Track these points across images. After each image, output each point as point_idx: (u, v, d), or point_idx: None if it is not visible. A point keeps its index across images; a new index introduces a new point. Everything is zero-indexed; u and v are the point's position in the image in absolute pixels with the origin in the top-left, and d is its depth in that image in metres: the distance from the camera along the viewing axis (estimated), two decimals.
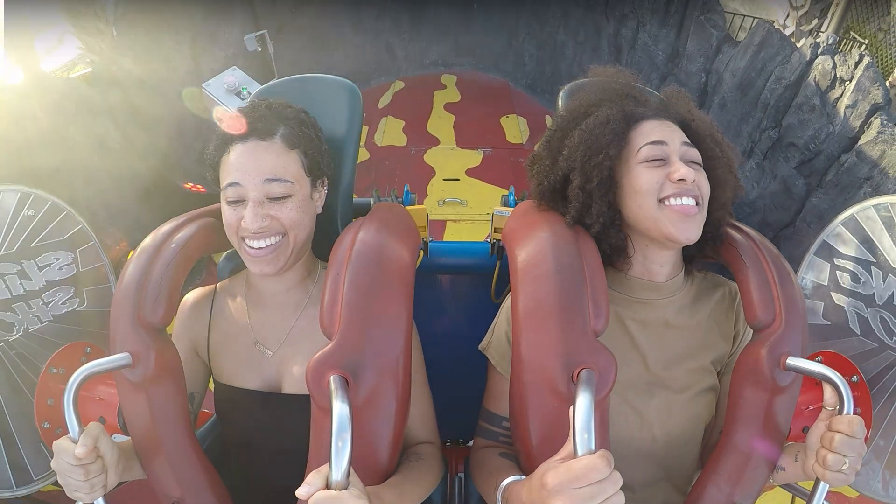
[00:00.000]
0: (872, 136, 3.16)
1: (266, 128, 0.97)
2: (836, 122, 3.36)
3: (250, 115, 0.99)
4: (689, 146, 0.96)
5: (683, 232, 0.90)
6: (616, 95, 1.03)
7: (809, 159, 3.56)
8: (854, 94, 3.26)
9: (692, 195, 0.91)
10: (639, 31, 5.08)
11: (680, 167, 0.91)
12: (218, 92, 3.92)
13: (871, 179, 3.17)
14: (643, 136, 0.95)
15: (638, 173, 0.94)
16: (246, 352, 1.04)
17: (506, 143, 5.51)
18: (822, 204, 3.45)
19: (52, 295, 1.13)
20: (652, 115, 0.98)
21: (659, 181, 0.92)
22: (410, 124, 5.72)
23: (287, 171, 0.97)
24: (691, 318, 1.00)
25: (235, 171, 0.95)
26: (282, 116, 1.00)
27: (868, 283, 1.07)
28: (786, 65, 3.64)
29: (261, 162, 0.95)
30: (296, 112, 1.03)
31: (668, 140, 0.94)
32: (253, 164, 0.94)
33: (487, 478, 0.93)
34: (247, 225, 0.93)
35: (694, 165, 0.94)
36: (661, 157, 0.94)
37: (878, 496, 1.06)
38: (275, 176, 0.95)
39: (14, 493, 1.08)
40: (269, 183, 0.95)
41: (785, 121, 3.68)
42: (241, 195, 0.95)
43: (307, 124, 1.03)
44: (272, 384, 1.03)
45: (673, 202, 0.91)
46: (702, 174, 0.94)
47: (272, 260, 0.97)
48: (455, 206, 4.50)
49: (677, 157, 0.93)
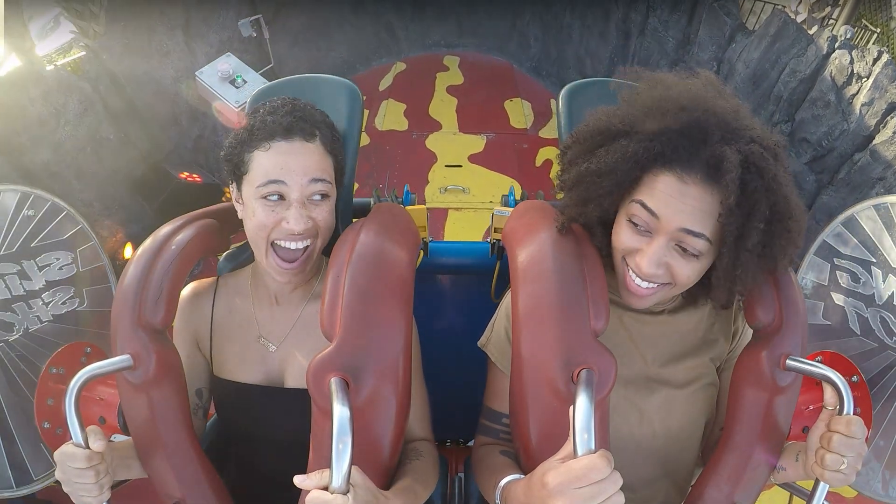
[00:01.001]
0: (888, 135, 3.11)
1: (310, 129, 0.96)
2: (851, 120, 3.30)
3: (292, 113, 0.97)
4: (692, 235, 0.80)
5: (629, 301, 0.90)
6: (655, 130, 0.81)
7: (822, 156, 3.51)
8: (871, 92, 3.20)
9: (654, 281, 0.85)
10: (649, 15, 4.99)
11: (647, 257, 0.82)
12: (212, 80, 3.81)
13: (884, 180, 3.12)
14: (647, 192, 0.82)
15: (620, 224, 0.88)
16: (249, 346, 1.05)
17: (510, 128, 5.44)
18: (832, 202, 3.42)
19: (52, 295, 1.13)
20: (682, 168, 0.79)
21: (627, 249, 0.86)
22: (412, 108, 5.65)
23: (327, 172, 0.97)
24: (690, 316, 1.00)
25: (279, 169, 0.93)
26: (317, 120, 1.00)
27: (868, 283, 1.07)
28: (801, 57, 3.57)
29: (307, 161, 0.94)
30: (323, 116, 1.03)
31: (664, 217, 0.80)
32: (299, 163, 0.93)
33: (488, 476, 0.93)
34: (291, 226, 0.93)
35: (687, 255, 0.82)
36: (645, 227, 0.84)
37: (878, 496, 1.06)
38: (319, 176, 0.95)
39: (14, 493, 1.09)
40: (315, 183, 0.94)
41: (798, 115, 3.62)
42: (283, 193, 0.94)
43: (336, 129, 1.04)
44: (274, 379, 1.03)
45: (630, 273, 0.87)
46: (689, 264, 0.82)
47: (299, 270, 0.98)
48: (457, 193, 4.45)
49: (664, 239, 0.81)
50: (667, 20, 4.82)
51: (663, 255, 0.82)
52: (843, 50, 3.37)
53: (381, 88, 5.99)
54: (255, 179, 0.94)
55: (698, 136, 0.79)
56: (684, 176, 0.79)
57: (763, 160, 0.77)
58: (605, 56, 5.55)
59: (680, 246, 0.82)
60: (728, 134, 0.79)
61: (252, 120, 0.97)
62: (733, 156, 0.76)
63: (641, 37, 5.10)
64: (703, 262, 0.83)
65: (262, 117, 0.96)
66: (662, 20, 4.86)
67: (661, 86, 0.87)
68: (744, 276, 0.81)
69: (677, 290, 0.87)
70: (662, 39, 4.88)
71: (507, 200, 1.46)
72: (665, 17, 4.83)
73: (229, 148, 0.98)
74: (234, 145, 0.97)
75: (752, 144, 0.78)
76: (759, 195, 0.76)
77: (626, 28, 5.32)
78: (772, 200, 0.77)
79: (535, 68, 6.54)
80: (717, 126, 0.79)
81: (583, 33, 5.91)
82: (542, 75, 6.44)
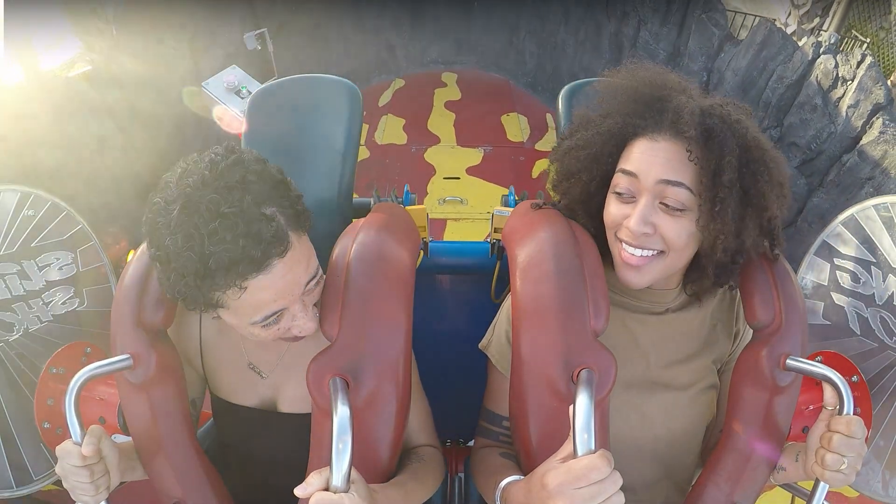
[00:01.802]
0: (874, 136, 3.16)
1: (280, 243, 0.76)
2: (838, 122, 3.36)
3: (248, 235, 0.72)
4: (670, 185, 0.82)
5: (625, 277, 0.90)
6: (622, 104, 0.90)
7: (811, 159, 3.56)
8: (856, 94, 3.26)
9: (640, 246, 0.86)
10: (640, 29, 5.09)
11: (633, 216, 0.84)
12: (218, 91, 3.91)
13: (872, 179, 3.17)
14: (624, 159, 0.88)
15: (610, 202, 0.91)
16: (240, 372, 1.03)
17: (506, 142, 5.52)
18: (823, 204, 3.46)
19: (52, 295, 1.13)
20: (651, 131, 0.85)
21: (616, 219, 0.88)
22: (411, 122, 5.72)
23: (313, 262, 0.85)
24: (692, 317, 1.00)
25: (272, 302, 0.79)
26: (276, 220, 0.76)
27: (868, 283, 1.07)
28: (787, 64, 3.64)
29: (297, 274, 0.80)
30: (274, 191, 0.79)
31: (642, 173, 0.84)
32: (289, 284, 0.79)
33: (488, 478, 0.93)
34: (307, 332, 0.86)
35: (671, 211, 0.84)
36: (629, 192, 0.87)
37: (878, 496, 1.06)
38: (309, 277, 0.83)
39: (14, 493, 1.08)
40: (309, 285, 0.83)
41: (786, 120, 3.68)
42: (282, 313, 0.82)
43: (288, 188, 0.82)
44: (268, 403, 1.02)
45: (622, 246, 0.88)
46: (675, 220, 0.84)
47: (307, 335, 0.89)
48: (455, 204, 4.50)
49: (647, 197, 0.84)
50: (657, 33, 4.91)
51: (649, 213, 0.84)
52: (828, 55, 3.43)
53: (381, 104, 6.06)
54: (243, 317, 0.80)
55: (661, 102, 0.87)
56: (655, 136, 0.85)
57: (723, 109, 0.84)
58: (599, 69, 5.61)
59: (663, 203, 0.84)
60: (686, 96, 0.88)
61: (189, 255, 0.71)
62: (692, 105, 0.83)
63: (633, 50, 5.19)
64: (689, 218, 0.84)
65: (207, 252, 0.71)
66: (653, 33, 4.95)
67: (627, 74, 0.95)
68: (728, 217, 0.81)
69: (671, 261, 0.87)
70: (654, 52, 4.96)
71: (506, 200, 1.46)
72: (656, 31, 4.92)
73: (173, 286, 0.75)
74: (181, 287, 0.75)
75: (709, 100, 0.87)
76: (725, 135, 0.81)
77: (618, 42, 5.42)
78: (740, 138, 0.81)
79: (531, 83, 6.62)
80: (675, 90, 0.89)
81: (577, 49, 6.01)
82: (538, 90, 6.53)
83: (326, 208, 1.10)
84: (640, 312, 0.98)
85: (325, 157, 1.14)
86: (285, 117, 1.15)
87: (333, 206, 1.14)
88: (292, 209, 0.80)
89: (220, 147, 0.80)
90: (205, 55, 4.52)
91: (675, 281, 0.97)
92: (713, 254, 0.86)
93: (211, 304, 0.77)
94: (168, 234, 0.72)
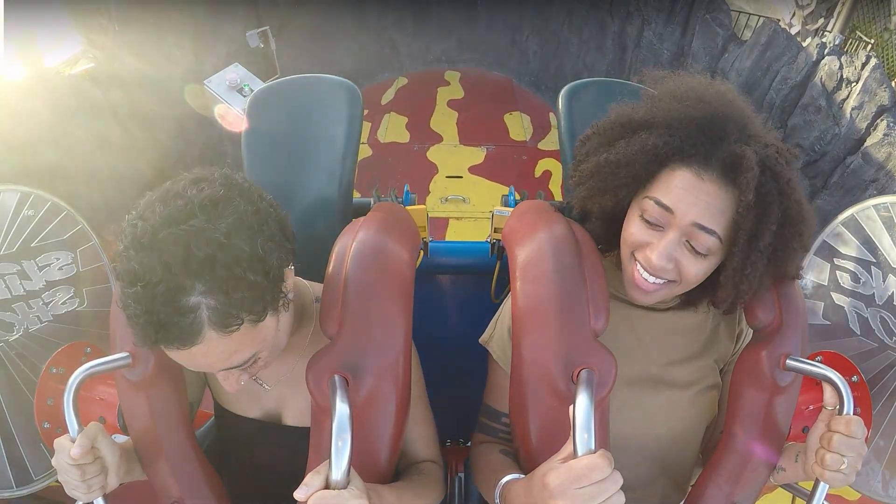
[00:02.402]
0: (878, 138, 3.15)
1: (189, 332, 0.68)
2: (842, 124, 3.35)
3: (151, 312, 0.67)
4: (706, 231, 0.79)
5: (633, 295, 0.89)
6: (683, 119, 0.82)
7: (815, 160, 3.55)
8: (860, 96, 3.25)
9: (660, 277, 0.85)
10: (644, 29, 5.07)
11: (657, 251, 0.82)
12: (220, 89, 3.92)
13: (876, 182, 3.16)
14: (661, 187, 0.82)
15: (632, 219, 0.87)
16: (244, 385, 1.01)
17: (509, 141, 5.51)
18: (826, 205, 3.44)
19: (52, 295, 1.13)
20: (699, 165, 0.79)
21: (637, 242, 0.86)
22: (413, 121, 5.72)
23: (240, 348, 0.75)
24: (695, 317, 0.99)
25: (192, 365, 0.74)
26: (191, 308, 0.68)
27: (868, 283, 1.07)
28: (792, 65, 3.63)
29: (210, 360, 0.73)
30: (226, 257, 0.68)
31: (679, 212, 0.80)
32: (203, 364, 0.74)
33: (488, 475, 0.93)
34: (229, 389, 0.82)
35: (695, 253, 0.82)
36: (658, 223, 0.83)
37: (878, 496, 1.06)
38: (229, 366, 0.76)
39: (14, 493, 1.08)
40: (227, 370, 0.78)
41: (790, 121, 3.67)
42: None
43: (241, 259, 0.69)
44: (272, 415, 1.01)
45: (637, 268, 0.87)
46: (697, 262, 0.82)
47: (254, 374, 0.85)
48: (457, 203, 4.51)
49: (675, 234, 0.81)
50: (661, 33, 4.90)
51: (673, 249, 0.81)
52: (833, 56, 3.42)
53: (384, 102, 6.06)
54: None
55: (717, 134, 0.80)
56: (701, 172, 0.79)
57: (778, 164, 0.78)
58: (602, 69, 5.63)
59: (690, 243, 0.81)
60: (746, 134, 0.80)
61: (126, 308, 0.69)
62: (752, 155, 0.76)
63: (637, 49, 5.17)
64: (711, 262, 0.82)
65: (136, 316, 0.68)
66: (657, 33, 4.93)
67: (682, 81, 0.88)
68: (752, 276, 0.80)
69: (681, 289, 0.87)
70: (658, 52, 4.95)
71: (507, 200, 1.46)
72: (660, 30, 4.91)
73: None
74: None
75: (768, 147, 0.79)
76: (773, 197, 0.77)
77: (622, 41, 5.40)
78: (785, 204, 0.78)
79: (534, 82, 6.61)
80: (736, 125, 0.81)
81: (580, 47, 5.99)
82: (540, 89, 6.52)
83: (326, 208, 1.10)
84: (644, 309, 0.98)
85: (325, 157, 1.14)
86: (286, 117, 1.15)
87: (333, 206, 1.14)
88: (243, 294, 0.69)
89: (217, 174, 0.73)
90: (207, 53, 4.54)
91: None
92: (724, 291, 0.85)
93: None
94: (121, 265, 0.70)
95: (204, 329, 0.69)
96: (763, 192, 0.77)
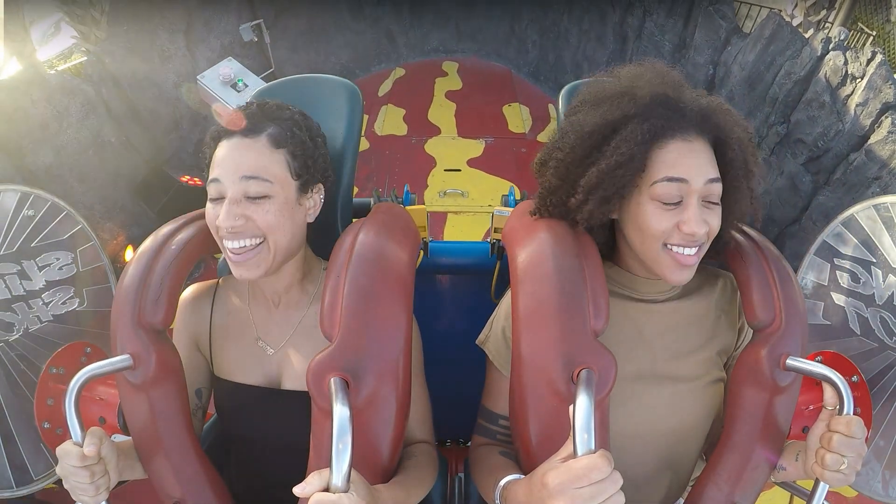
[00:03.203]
0: (883, 135, 3.13)
1: (252, 125, 0.94)
2: (846, 120, 3.32)
3: (246, 109, 0.97)
4: (715, 182, 0.86)
5: (676, 277, 0.89)
6: (644, 107, 0.87)
7: (817, 156, 3.53)
8: (865, 92, 3.22)
9: (696, 245, 0.87)
10: (645, 19, 5.03)
11: (692, 220, 0.84)
12: (213, 84, 3.87)
13: (879, 179, 3.14)
14: (663, 165, 0.86)
15: (648, 211, 0.87)
16: (248, 348, 1.04)
17: (508, 133, 5.48)
18: (828, 202, 3.43)
19: (52, 295, 1.13)
20: (682, 132, 0.86)
21: (667, 228, 0.86)
22: (411, 113, 5.69)
23: (268, 170, 0.92)
24: (696, 309, 1.00)
25: (217, 168, 0.92)
26: (272, 116, 0.97)
27: (868, 283, 1.07)
28: (796, 59, 3.59)
29: (241, 158, 0.92)
30: (291, 113, 0.99)
31: (691, 177, 0.84)
32: (233, 161, 0.92)
33: (488, 476, 0.93)
34: (220, 222, 0.90)
35: (711, 206, 0.87)
36: (676, 199, 0.86)
37: (878, 496, 1.06)
38: (253, 174, 0.91)
39: (14, 493, 1.08)
40: (247, 181, 0.91)
41: (794, 116, 3.64)
42: (220, 192, 0.92)
43: (301, 126, 0.99)
44: (273, 380, 1.03)
45: (675, 249, 0.87)
46: (715, 213, 0.87)
47: (252, 266, 0.93)
48: (456, 197, 4.46)
49: (696, 199, 0.85)
50: (663, 24, 4.85)
51: (701, 212, 0.85)
52: (838, 51, 3.39)
53: (381, 94, 6.02)
54: (208, 177, 0.95)
55: (678, 99, 0.88)
56: (685, 136, 0.86)
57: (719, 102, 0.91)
58: (603, 60, 5.59)
59: (707, 201, 0.87)
60: (692, 93, 0.91)
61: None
62: (708, 102, 0.89)
63: (638, 41, 5.13)
64: (720, 207, 0.88)
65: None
66: (659, 24, 4.89)
67: (625, 72, 0.96)
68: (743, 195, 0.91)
69: (706, 247, 0.90)
70: (659, 43, 4.91)
71: (507, 200, 1.46)
72: (661, 22, 4.86)
73: (203, 156, 0.98)
74: (204, 152, 0.98)
75: (707, 98, 0.91)
76: (732, 126, 0.88)
77: (622, 32, 5.36)
78: (739, 126, 0.90)
79: (534, 73, 6.58)
80: (684, 86, 0.91)
81: (580, 38, 5.95)
82: (540, 80, 6.48)
83: (326, 208, 1.09)
84: (643, 302, 0.98)
85: None
86: None
87: (333, 207, 1.14)
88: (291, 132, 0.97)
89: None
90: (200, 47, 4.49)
91: None
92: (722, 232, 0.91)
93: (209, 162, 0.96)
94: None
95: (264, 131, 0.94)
96: (722, 127, 0.87)
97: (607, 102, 0.91)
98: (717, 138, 0.88)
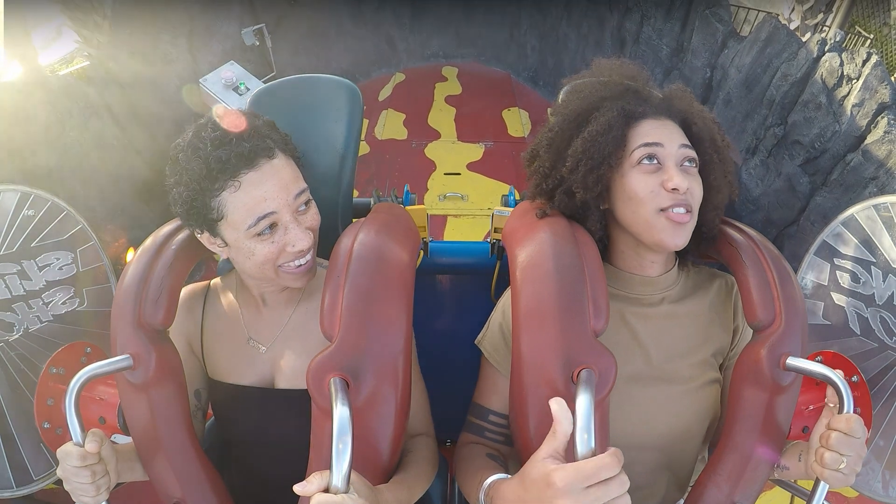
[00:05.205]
0: (879, 135, 3.13)
1: (266, 144, 0.90)
2: (843, 121, 3.33)
3: (242, 137, 0.89)
4: (688, 147, 0.94)
5: (673, 239, 0.90)
6: (617, 92, 0.98)
7: (815, 157, 3.53)
8: (861, 93, 3.22)
9: (684, 204, 0.90)
10: (643, 24, 5.05)
11: (674, 175, 0.90)
12: (215, 87, 3.90)
13: (876, 179, 3.14)
14: (639, 137, 0.94)
15: (633, 179, 0.93)
16: (239, 348, 1.04)
17: (508, 137, 5.49)
18: (826, 203, 3.43)
19: (52, 295, 1.13)
20: (652, 113, 0.95)
21: (653, 189, 0.91)
22: (411, 117, 5.70)
23: (300, 177, 0.95)
24: (690, 310, 1.00)
25: (263, 202, 0.88)
26: (263, 132, 0.93)
27: (868, 283, 1.07)
28: (792, 61, 3.60)
29: (282, 180, 0.90)
30: (261, 119, 0.96)
31: (665, 141, 0.92)
32: (277, 186, 0.89)
33: (472, 474, 0.92)
34: (302, 247, 0.91)
35: (689, 168, 0.93)
36: (658, 162, 0.92)
37: (878, 496, 1.06)
38: (299, 188, 0.92)
39: (14, 493, 1.08)
40: (298, 196, 0.92)
41: (790, 118, 3.65)
42: (275, 221, 0.90)
43: (276, 128, 0.99)
44: (266, 380, 1.03)
45: (669, 210, 0.90)
46: (696, 179, 0.93)
47: (307, 270, 0.96)
48: (456, 200, 4.47)
49: (673, 161, 0.92)
50: (660, 28, 4.87)
51: (680, 170, 0.91)
52: (833, 52, 3.40)
53: (381, 98, 6.04)
54: (240, 223, 0.88)
55: (646, 92, 1.01)
56: (657, 116, 0.96)
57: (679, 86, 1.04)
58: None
59: (683, 164, 0.93)
60: (651, 83, 1.04)
61: (196, 162, 0.87)
62: (668, 91, 1.02)
63: (636, 45, 5.15)
64: (699, 179, 0.94)
65: (209, 154, 0.86)
66: (656, 28, 4.91)
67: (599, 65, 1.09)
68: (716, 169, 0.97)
69: (694, 220, 0.93)
70: (657, 47, 4.92)
71: (506, 200, 1.46)
72: (659, 26, 4.88)
73: (185, 199, 0.89)
74: (190, 195, 0.88)
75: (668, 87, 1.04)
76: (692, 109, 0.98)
77: (620, 37, 5.38)
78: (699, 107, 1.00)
79: (533, 78, 6.60)
80: (649, 81, 1.05)
81: (579, 43, 5.97)
82: (539, 84, 6.50)
83: (326, 208, 1.10)
84: (638, 305, 0.98)
85: (324, 158, 1.14)
86: (285, 117, 1.15)
87: (333, 207, 1.14)
88: (280, 136, 0.96)
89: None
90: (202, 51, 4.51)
91: (671, 261, 1.01)
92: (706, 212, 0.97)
93: (211, 212, 0.88)
94: (180, 152, 0.89)
95: (275, 148, 0.92)
96: (684, 111, 0.98)
97: (587, 89, 1.02)
98: (683, 120, 0.97)
